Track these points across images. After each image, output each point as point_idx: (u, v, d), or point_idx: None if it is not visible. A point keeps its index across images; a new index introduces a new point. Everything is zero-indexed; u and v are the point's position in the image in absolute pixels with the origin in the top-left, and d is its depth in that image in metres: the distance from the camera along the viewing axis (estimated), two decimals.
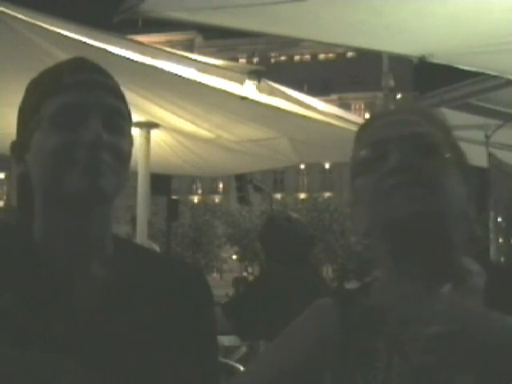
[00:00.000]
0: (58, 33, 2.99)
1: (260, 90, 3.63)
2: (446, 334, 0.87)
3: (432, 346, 0.88)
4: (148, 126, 4.49)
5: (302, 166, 53.09)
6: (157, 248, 6.15)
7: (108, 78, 1.05)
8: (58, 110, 0.99)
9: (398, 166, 0.99)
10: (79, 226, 1.01)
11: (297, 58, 69.26)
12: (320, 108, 4.22)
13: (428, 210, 0.97)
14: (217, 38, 65.21)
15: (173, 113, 4.24)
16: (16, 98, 1.12)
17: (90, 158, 0.97)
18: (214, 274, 46.25)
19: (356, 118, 4.78)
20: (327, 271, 39.43)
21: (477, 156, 5.21)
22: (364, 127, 1.10)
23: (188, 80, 3.52)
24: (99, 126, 0.99)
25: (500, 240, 6.41)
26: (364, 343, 0.99)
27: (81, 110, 0.99)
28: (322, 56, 68.25)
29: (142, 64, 3.22)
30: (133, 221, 5.45)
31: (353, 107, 59.50)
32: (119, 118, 1.03)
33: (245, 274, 43.64)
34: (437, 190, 0.98)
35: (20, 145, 1.03)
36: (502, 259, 5.84)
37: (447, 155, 1.02)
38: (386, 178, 0.99)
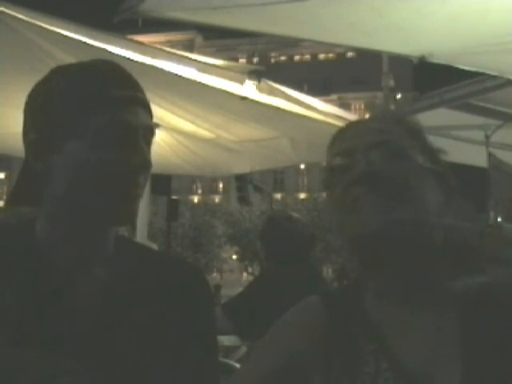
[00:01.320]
0: (58, 33, 2.99)
1: (260, 90, 3.62)
2: None
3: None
4: None
5: (302, 166, 53.03)
6: (155, 248, 6.14)
7: (143, 91, 1.05)
8: (107, 126, 0.97)
9: (363, 175, 0.98)
10: (85, 230, 1.01)
11: (297, 58, 69.20)
12: (320, 108, 4.22)
13: (393, 222, 0.95)
14: (217, 38, 65.17)
15: (173, 113, 4.23)
16: (16, 98, 1.11)
17: (132, 183, 0.98)
18: (214, 274, 46.22)
19: (356, 118, 4.78)
20: (327, 271, 39.40)
21: (477, 156, 5.20)
22: (335, 137, 1.09)
23: (188, 80, 3.52)
24: (146, 149, 1.00)
25: None
26: (351, 346, 0.98)
27: (128, 129, 0.98)
28: (322, 56, 68.20)
29: (142, 64, 3.22)
30: None
31: (353, 107, 59.46)
32: (152, 138, 1.04)
33: (244, 274, 43.61)
34: (403, 198, 0.97)
35: (41, 143, 1.00)
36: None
37: (416, 160, 1.01)
38: (350, 189, 0.99)
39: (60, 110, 0.98)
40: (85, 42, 3.00)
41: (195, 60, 3.66)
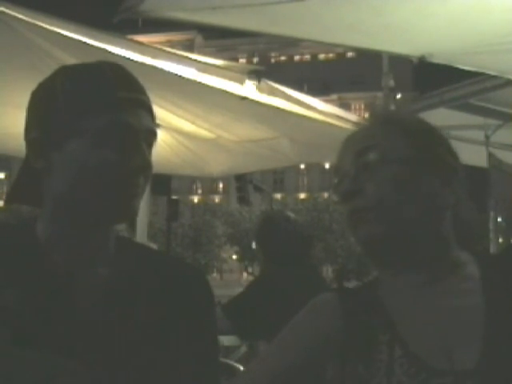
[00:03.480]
0: (58, 33, 2.98)
1: (260, 90, 3.62)
2: None
3: None
4: None
5: (302, 166, 53.04)
6: (155, 248, 6.15)
7: (146, 94, 1.05)
8: (109, 127, 0.98)
9: (346, 192, 1.03)
10: (85, 229, 1.01)
11: (297, 58, 69.23)
12: (320, 108, 4.21)
13: (380, 233, 0.99)
14: (217, 38, 65.17)
15: (173, 113, 4.23)
16: (16, 97, 1.11)
17: (131, 183, 0.99)
18: (214, 274, 46.25)
19: (356, 117, 4.78)
20: (327, 271, 39.41)
21: (477, 156, 5.21)
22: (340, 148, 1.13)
23: (188, 80, 3.52)
24: (146, 151, 1.00)
25: (500, 240, 6.41)
26: (365, 336, 1.01)
27: (130, 131, 0.99)
28: (322, 56, 68.24)
29: (142, 64, 3.22)
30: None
31: (353, 107, 59.49)
32: (153, 140, 1.05)
33: (244, 274, 43.61)
34: (384, 208, 1.00)
35: (42, 140, 1.00)
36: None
37: (407, 162, 1.01)
38: (344, 203, 1.04)
39: (62, 109, 0.99)
40: (85, 42, 3.00)
41: (195, 60, 3.66)
